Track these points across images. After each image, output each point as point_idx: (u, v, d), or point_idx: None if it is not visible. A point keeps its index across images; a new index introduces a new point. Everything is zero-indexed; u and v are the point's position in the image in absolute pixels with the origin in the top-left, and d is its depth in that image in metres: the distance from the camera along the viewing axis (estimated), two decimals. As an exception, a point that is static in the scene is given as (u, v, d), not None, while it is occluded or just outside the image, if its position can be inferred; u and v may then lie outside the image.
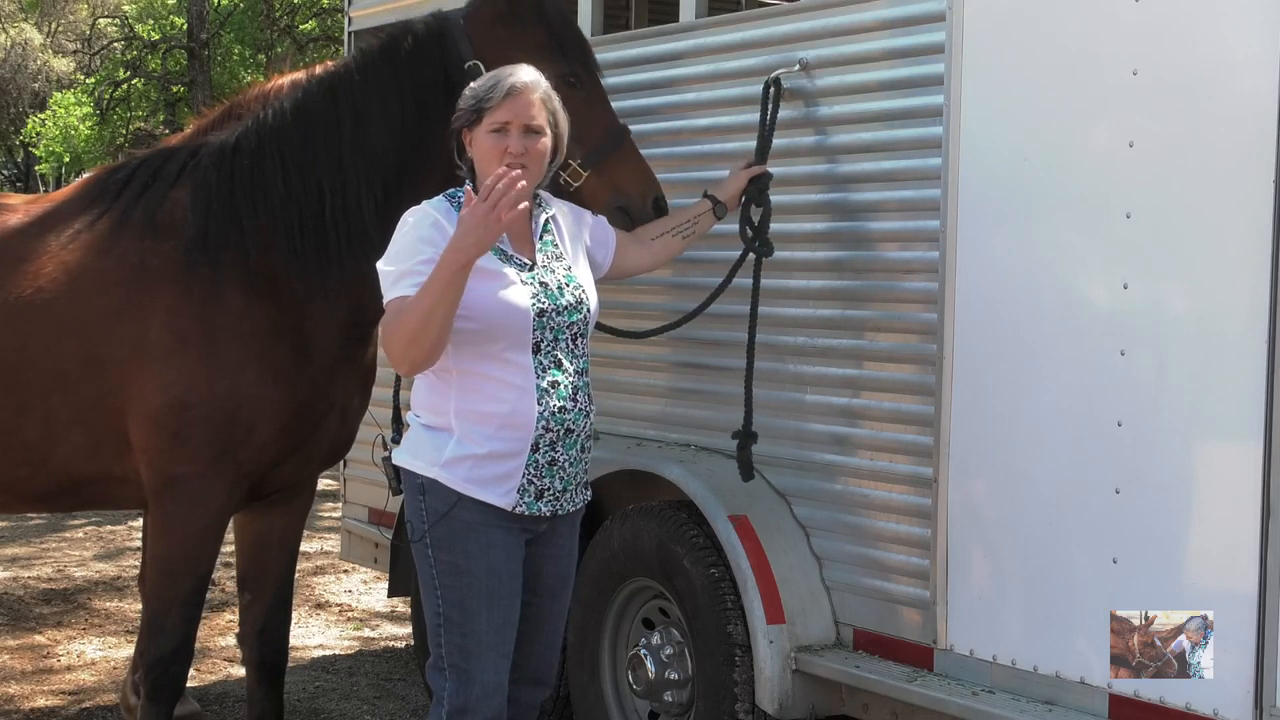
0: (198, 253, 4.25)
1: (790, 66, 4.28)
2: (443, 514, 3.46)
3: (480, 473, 3.45)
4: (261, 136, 4.32)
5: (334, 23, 20.09)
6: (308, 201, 4.23)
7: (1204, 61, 3.42)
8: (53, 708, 5.90)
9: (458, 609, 3.47)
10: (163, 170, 4.44)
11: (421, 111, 4.17)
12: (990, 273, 3.84)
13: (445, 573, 3.49)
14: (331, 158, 4.23)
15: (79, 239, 4.37)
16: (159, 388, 4.19)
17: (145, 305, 4.24)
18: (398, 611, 7.36)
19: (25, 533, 9.51)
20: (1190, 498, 3.45)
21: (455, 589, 3.48)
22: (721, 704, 4.22)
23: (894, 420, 4.08)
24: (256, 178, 4.28)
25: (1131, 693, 3.53)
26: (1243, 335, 3.31)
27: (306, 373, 4.30)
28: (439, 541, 3.48)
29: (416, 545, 3.53)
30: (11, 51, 29.18)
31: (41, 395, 4.27)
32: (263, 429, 4.23)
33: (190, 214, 4.29)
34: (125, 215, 4.36)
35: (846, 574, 4.21)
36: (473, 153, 3.52)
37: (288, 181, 4.25)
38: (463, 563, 3.47)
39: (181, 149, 4.54)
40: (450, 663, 3.50)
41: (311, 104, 4.30)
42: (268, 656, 4.68)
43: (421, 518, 3.50)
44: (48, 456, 4.32)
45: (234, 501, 4.35)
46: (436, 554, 3.49)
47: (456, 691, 3.48)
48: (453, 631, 3.49)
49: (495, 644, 3.49)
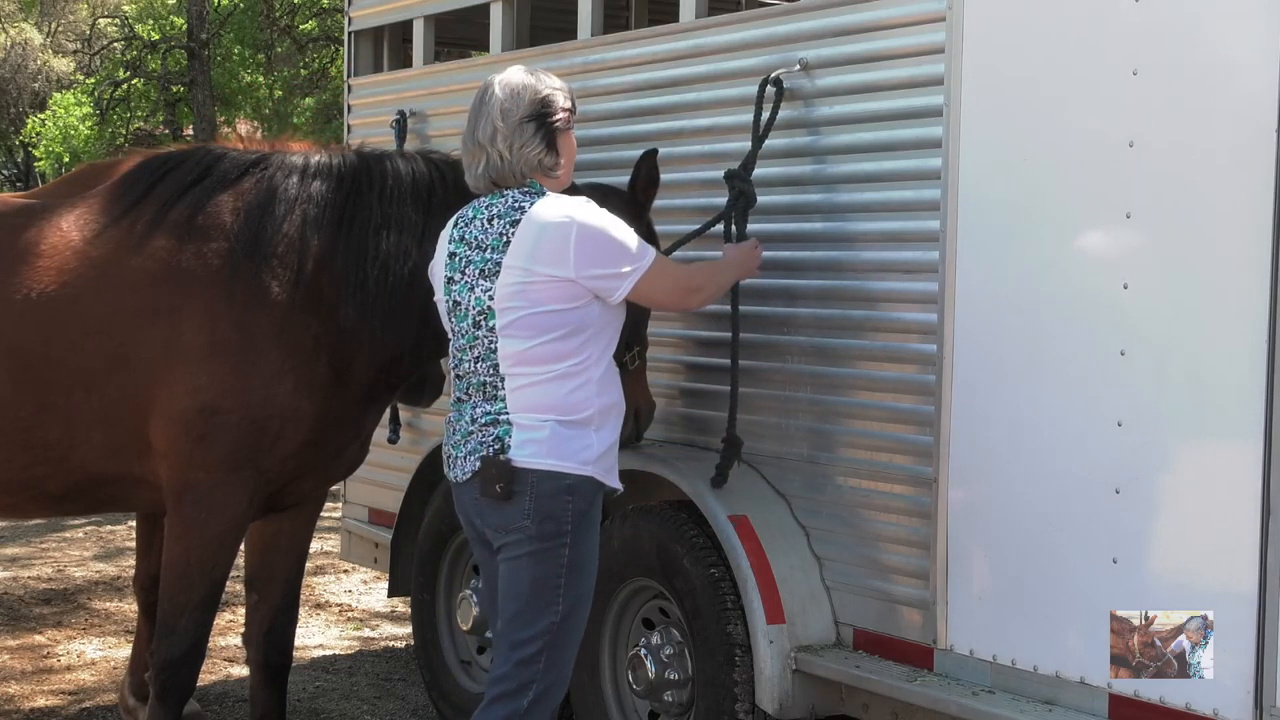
0: (245, 258, 4.22)
1: (790, 66, 4.29)
2: (584, 512, 3.61)
3: (609, 462, 3.69)
4: (367, 179, 4.35)
5: (334, 23, 20.07)
6: (393, 255, 4.29)
7: (1204, 61, 3.42)
8: (52, 708, 5.89)
9: (572, 602, 3.63)
10: (214, 170, 4.37)
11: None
12: (990, 273, 3.84)
13: (572, 569, 3.62)
14: (425, 237, 4.27)
15: (107, 234, 4.31)
16: (189, 390, 4.16)
17: (180, 307, 4.20)
18: (398, 611, 7.36)
19: (25, 533, 9.51)
20: (1190, 498, 3.44)
21: (576, 584, 3.63)
22: (721, 704, 4.22)
23: (894, 420, 4.08)
24: (346, 211, 4.31)
25: (1131, 693, 3.53)
26: (1243, 335, 3.31)
27: (341, 395, 4.32)
28: (575, 540, 3.61)
29: (550, 544, 3.59)
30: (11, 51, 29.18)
31: (64, 393, 4.23)
32: (289, 440, 4.23)
33: (243, 218, 4.26)
34: (161, 214, 4.29)
35: (846, 574, 4.21)
36: (563, 147, 3.71)
37: (380, 230, 4.30)
38: (588, 558, 3.66)
39: (232, 153, 4.46)
40: (548, 649, 3.62)
41: (435, 184, 4.37)
42: (273, 658, 4.68)
43: (566, 518, 3.59)
44: (67, 455, 4.29)
45: (253, 510, 4.35)
46: (571, 553, 3.61)
47: (545, 676, 3.62)
48: (563, 626, 3.62)
49: (584, 628, 3.74)
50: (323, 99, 21.34)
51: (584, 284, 3.56)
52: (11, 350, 4.23)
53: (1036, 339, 3.74)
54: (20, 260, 4.28)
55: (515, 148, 3.63)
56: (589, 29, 5.16)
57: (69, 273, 4.25)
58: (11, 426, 4.25)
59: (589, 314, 3.60)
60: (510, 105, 3.64)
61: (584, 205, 3.62)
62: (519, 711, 3.60)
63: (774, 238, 4.37)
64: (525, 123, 3.63)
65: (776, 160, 4.33)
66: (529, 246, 3.56)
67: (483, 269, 3.62)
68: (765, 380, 4.41)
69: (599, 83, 4.99)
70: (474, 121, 3.69)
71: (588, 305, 3.59)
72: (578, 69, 5.01)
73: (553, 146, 3.67)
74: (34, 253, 4.29)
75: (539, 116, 3.65)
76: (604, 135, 4.87)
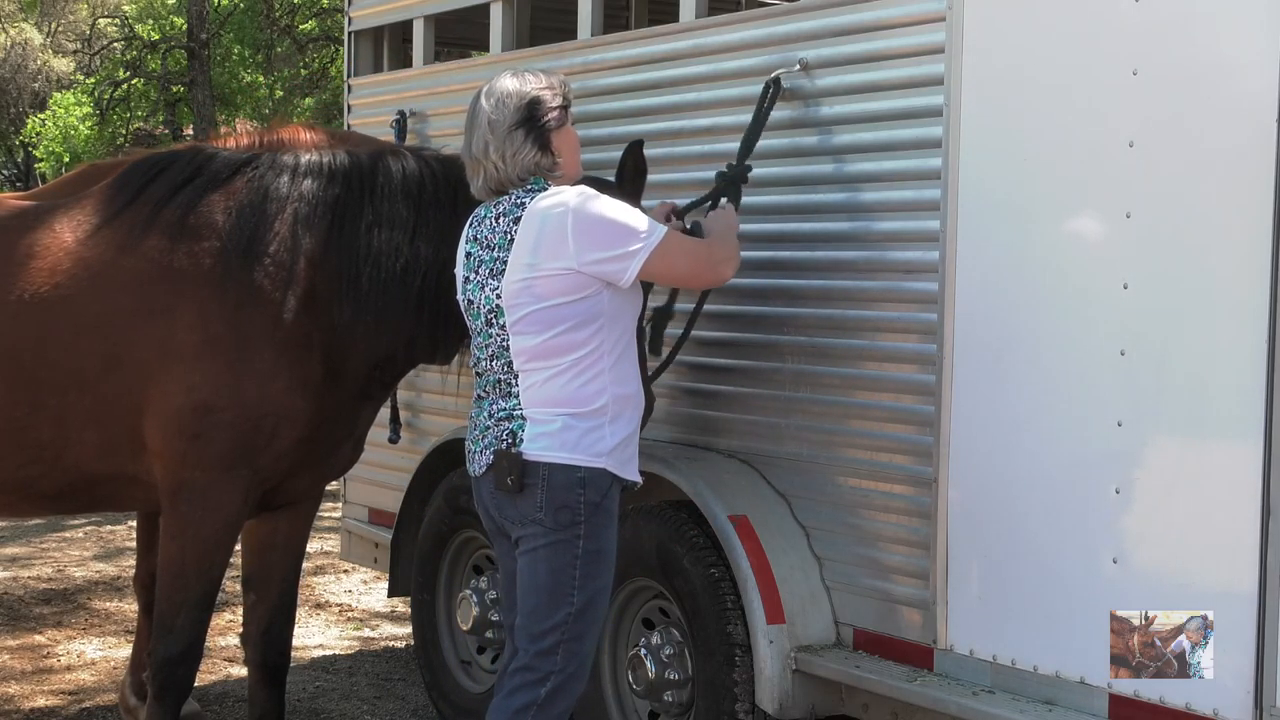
0: (237, 257, 4.22)
1: (790, 66, 4.29)
2: (597, 504, 3.61)
3: (627, 454, 3.68)
4: (358, 176, 4.35)
5: (334, 23, 20.08)
6: (385, 252, 4.30)
7: (1204, 61, 3.42)
8: (52, 708, 5.89)
9: (587, 594, 3.63)
10: (206, 170, 4.37)
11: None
12: (990, 273, 3.83)
13: (587, 561, 3.63)
14: (417, 233, 4.31)
15: (100, 235, 4.31)
16: (183, 389, 4.16)
17: (173, 306, 4.20)
18: (398, 611, 7.36)
19: (24, 533, 9.51)
20: (1190, 498, 3.44)
21: (592, 576, 3.64)
22: (721, 704, 4.22)
23: (894, 420, 4.08)
24: (338, 209, 4.30)
25: (1131, 693, 3.53)
26: (1243, 335, 3.31)
27: (335, 393, 4.33)
28: (590, 532, 3.62)
29: (564, 536, 3.60)
30: (11, 51, 29.17)
31: (57, 393, 4.23)
32: (284, 438, 4.24)
33: (235, 217, 4.26)
34: (154, 214, 4.30)
35: (846, 574, 4.21)
36: (560, 144, 3.68)
37: (371, 228, 4.30)
38: (605, 549, 3.66)
39: (222, 153, 4.45)
40: (566, 641, 3.63)
41: (426, 180, 4.37)
42: (271, 658, 4.68)
43: (578, 510, 3.60)
44: (60, 455, 4.29)
45: (248, 508, 4.35)
46: (586, 544, 3.62)
47: (564, 667, 3.63)
48: (580, 618, 3.63)
49: (603, 619, 3.76)
50: (323, 99, 21.37)
51: (588, 271, 3.54)
52: (4, 351, 4.24)
53: (1036, 339, 3.74)
54: (13, 261, 4.29)
55: (509, 156, 3.63)
56: (589, 29, 5.16)
57: (62, 273, 4.27)
58: (5, 426, 4.26)
59: (598, 304, 3.58)
60: (497, 115, 3.63)
61: (580, 192, 3.60)
62: (537, 701, 3.62)
63: (774, 238, 4.38)
64: (514, 130, 3.63)
65: (777, 160, 4.33)
66: (531, 241, 3.57)
67: (491, 268, 3.64)
68: (765, 380, 4.41)
69: (599, 83, 4.99)
70: (468, 135, 3.70)
71: (596, 295, 3.57)
72: (578, 69, 5.01)
73: (546, 148, 3.66)
74: (27, 253, 4.30)
75: (527, 120, 3.63)
76: (604, 135, 4.87)
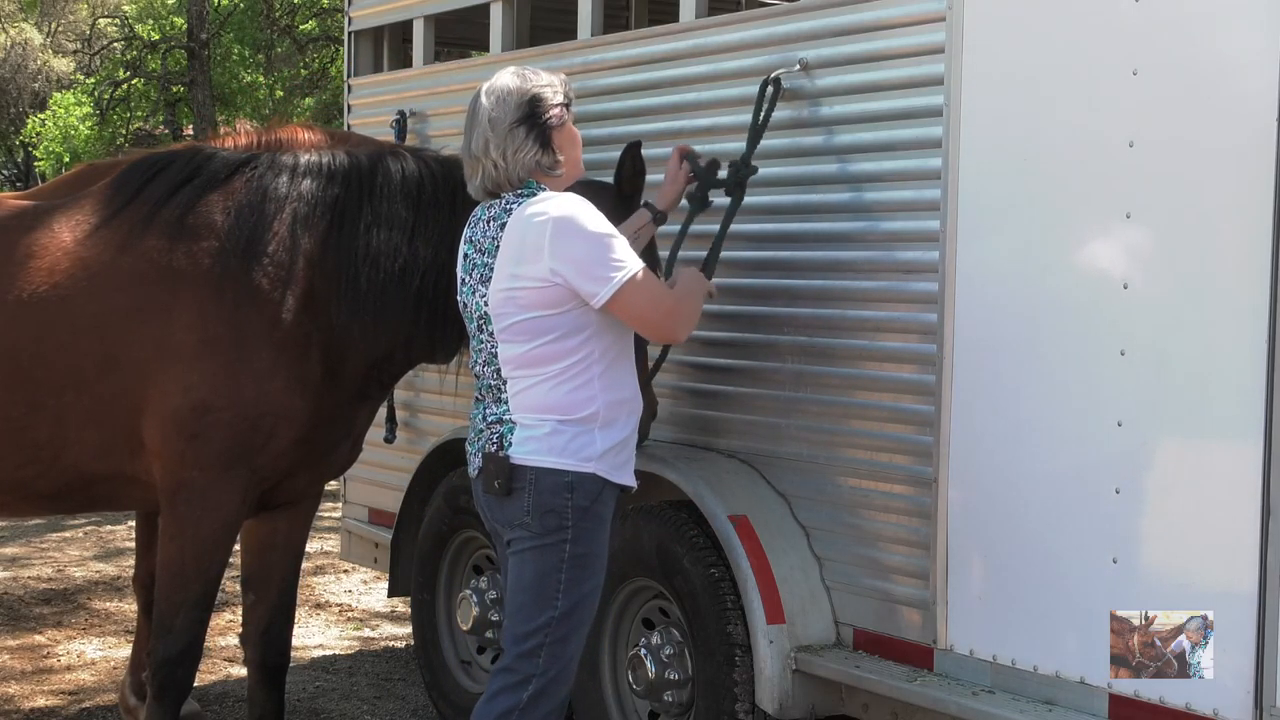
0: (236, 257, 4.22)
1: (790, 66, 4.29)
2: (585, 508, 3.59)
3: (619, 459, 3.65)
4: (357, 177, 4.35)
5: (334, 23, 20.09)
6: (384, 253, 4.30)
7: (1204, 61, 3.42)
8: (52, 708, 5.89)
9: (573, 599, 3.61)
10: (204, 170, 4.36)
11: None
12: (990, 273, 3.83)
13: (573, 565, 3.61)
14: (416, 233, 4.32)
15: (98, 235, 4.31)
16: (181, 389, 4.16)
17: (171, 306, 4.20)
18: (398, 611, 7.36)
19: (24, 533, 9.51)
20: (1190, 498, 3.44)
21: (578, 580, 3.62)
22: (721, 704, 4.22)
23: (894, 420, 4.08)
24: (337, 209, 4.31)
25: (1131, 693, 3.53)
26: (1243, 335, 3.31)
27: (333, 392, 4.33)
28: (577, 536, 3.60)
29: (551, 540, 3.59)
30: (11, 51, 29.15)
31: (54, 393, 4.23)
32: (282, 437, 4.24)
33: (234, 217, 4.26)
34: (152, 214, 4.30)
35: (846, 574, 4.21)
36: (562, 141, 3.65)
37: (370, 228, 4.30)
38: (593, 553, 3.64)
39: (221, 153, 4.45)
40: (549, 643, 3.61)
41: (425, 181, 4.37)
42: (270, 658, 4.68)
43: (565, 514, 3.58)
44: (58, 455, 4.29)
45: (247, 507, 4.35)
46: (573, 548, 3.60)
47: (546, 670, 3.61)
48: (564, 621, 3.61)
49: (589, 623, 3.71)
50: (323, 99, 21.37)
51: (561, 283, 3.47)
52: (2, 350, 4.24)
53: (1036, 339, 3.74)
54: (12, 261, 4.30)
55: (509, 154, 3.58)
56: (589, 29, 5.16)
57: (60, 273, 4.27)
58: (3, 426, 4.26)
59: (584, 315, 3.53)
60: (498, 112, 3.59)
61: (567, 202, 3.53)
62: (519, 706, 3.60)
63: (774, 238, 4.38)
64: (516, 127, 3.58)
65: (777, 160, 4.33)
66: (514, 250, 3.53)
67: (482, 273, 3.62)
68: (765, 380, 4.41)
69: (599, 83, 4.99)
70: (467, 134, 3.65)
71: (580, 307, 3.52)
72: (578, 69, 5.00)
73: (548, 145, 3.62)
74: (26, 253, 4.30)
75: (529, 118, 3.59)
76: (604, 135, 4.87)
